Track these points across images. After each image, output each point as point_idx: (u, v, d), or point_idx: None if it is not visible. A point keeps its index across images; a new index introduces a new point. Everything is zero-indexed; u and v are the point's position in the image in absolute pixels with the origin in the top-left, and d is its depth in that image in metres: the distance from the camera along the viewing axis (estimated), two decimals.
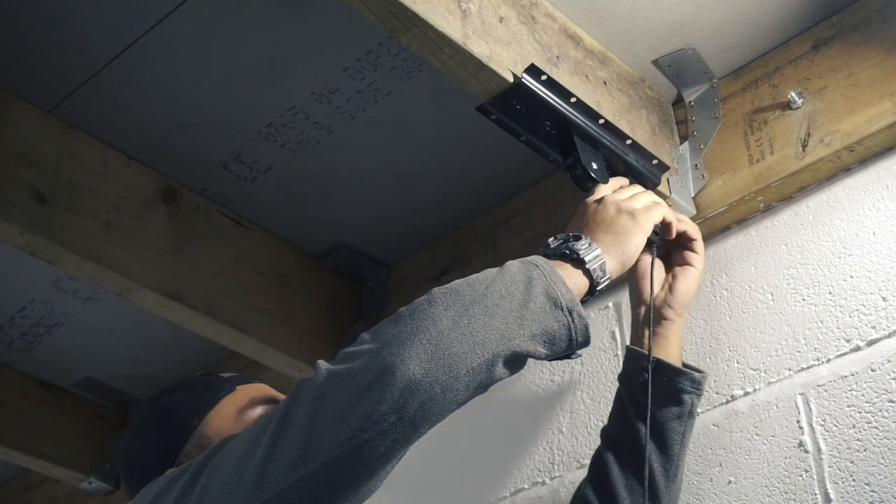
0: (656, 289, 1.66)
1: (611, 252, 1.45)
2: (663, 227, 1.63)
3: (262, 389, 1.48)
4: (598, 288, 1.40)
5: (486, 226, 2.25)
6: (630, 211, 1.52)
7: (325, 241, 2.36)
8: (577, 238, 1.43)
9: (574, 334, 1.28)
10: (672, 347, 1.64)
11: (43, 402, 2.69)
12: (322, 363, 1.19)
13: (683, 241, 1.69)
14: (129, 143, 2.09)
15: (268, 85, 1.98)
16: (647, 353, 1.62)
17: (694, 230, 1.69)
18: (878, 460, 1.58)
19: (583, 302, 1.39)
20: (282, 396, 1.48)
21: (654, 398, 1.60)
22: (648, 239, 1.72)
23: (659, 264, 1.69)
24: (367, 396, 1.13)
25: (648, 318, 1.65)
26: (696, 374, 1.63)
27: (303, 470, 1.12)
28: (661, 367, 1.62)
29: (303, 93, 2.01)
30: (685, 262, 1.68)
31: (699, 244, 1.69)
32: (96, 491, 2.75)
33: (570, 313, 1.28)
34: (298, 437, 1.13)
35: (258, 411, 1.43)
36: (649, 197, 1.61)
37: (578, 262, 1.39)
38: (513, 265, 1.31)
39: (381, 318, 2.32)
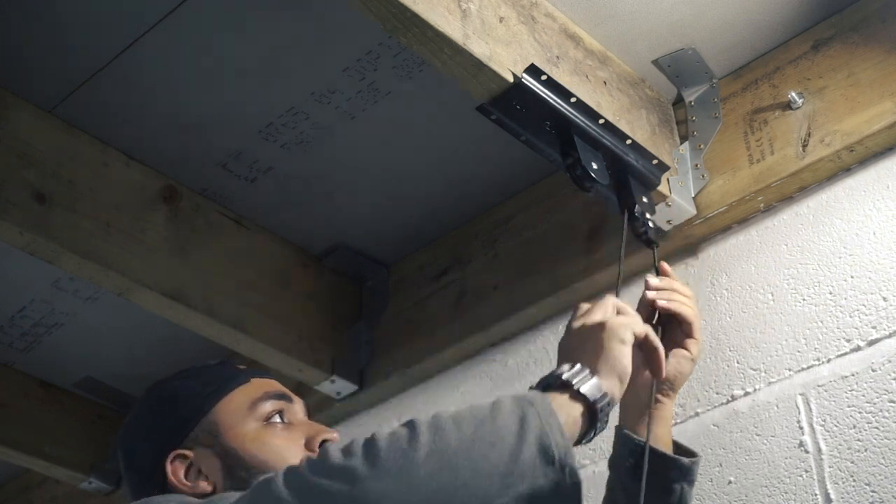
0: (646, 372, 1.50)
1: (597, 367, 1.29)
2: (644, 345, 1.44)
3: (274, 385, 1.46)
4: (601, 406, 1.25)
5: (486, 226, 2.25)
6: (597, 324, 1.37)
7: (325, 241, 2.36)
8: (559, 366, 1.30)
9: (562, 491, 1.13)
10: (661, 427, 1.53)
11: (43, 402, 2.69)
12: (297, 471, 1.13)
13: (684, 326, 1.55)
14: (129, 143, 2.09)
15: (268, 85, 1.98)
16: (636, 437, 1.50)
17: (693, 314, 1.55)
18: (879, 460, 1.58)
19: (591, 434, 1.26)
20: (292, 395, 1.46)
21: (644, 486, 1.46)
22: (650, 241, 1.71)
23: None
24: None
25: (645, 399, 1.51)
26: (686, 461, 1.51)
27: None
28: (651, 454, 1.48)
29: (303, 93, 2.01)
30: (681, 345, 1.55)
31: (696, 328, 1.55)
32: (96, 491, 2.75)
33: (563, 469, 1.13)
34: None
35: (269, 406, 1.40)
36: (609, 305, 1.42)
37: (565, 387, 1.25)
38: (506, 402, 1.16)
39: (381, 318, 2.36)
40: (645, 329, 1.41)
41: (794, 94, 1.83)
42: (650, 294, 1.54)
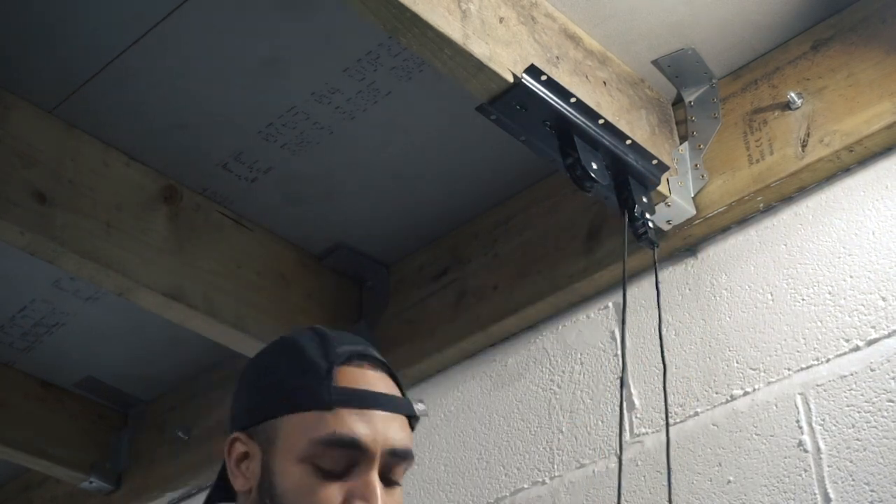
0: None
1: None
2: None
3: (355, 430, 1.19)
4: None
5: (486, 226, 2.25)
6: None
7: (325, 241, 2.36)
8: None
9: None
10: None
11: (43, 402, 2.69)
12: None
13: None
14: (129, 143, 2.09)
15: (268, 85, 1.99)
16: None
17: None
18: (878, 460, 1.58)
19: None
20: (371, 445, 1.20)
21: None
22: (650, 241, 1.72)
23: None
24: None
25: None
26: None
27: None
28: None
29: (303, 93, 2.01)
30: None
31: None
32: (97, 491, 2.75)
33: None
34: None
35: (328, 453, 1.18)
36: None
37: None
38: None
39: (381, 318, 2.37)
40: None
41: (793, 95, 1.83)
42: None
